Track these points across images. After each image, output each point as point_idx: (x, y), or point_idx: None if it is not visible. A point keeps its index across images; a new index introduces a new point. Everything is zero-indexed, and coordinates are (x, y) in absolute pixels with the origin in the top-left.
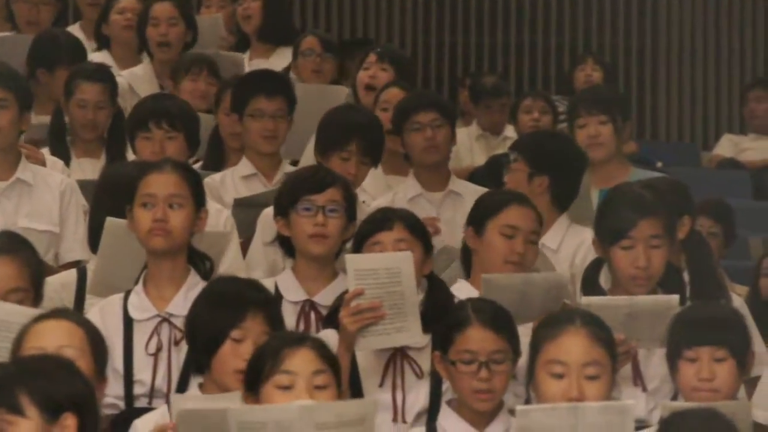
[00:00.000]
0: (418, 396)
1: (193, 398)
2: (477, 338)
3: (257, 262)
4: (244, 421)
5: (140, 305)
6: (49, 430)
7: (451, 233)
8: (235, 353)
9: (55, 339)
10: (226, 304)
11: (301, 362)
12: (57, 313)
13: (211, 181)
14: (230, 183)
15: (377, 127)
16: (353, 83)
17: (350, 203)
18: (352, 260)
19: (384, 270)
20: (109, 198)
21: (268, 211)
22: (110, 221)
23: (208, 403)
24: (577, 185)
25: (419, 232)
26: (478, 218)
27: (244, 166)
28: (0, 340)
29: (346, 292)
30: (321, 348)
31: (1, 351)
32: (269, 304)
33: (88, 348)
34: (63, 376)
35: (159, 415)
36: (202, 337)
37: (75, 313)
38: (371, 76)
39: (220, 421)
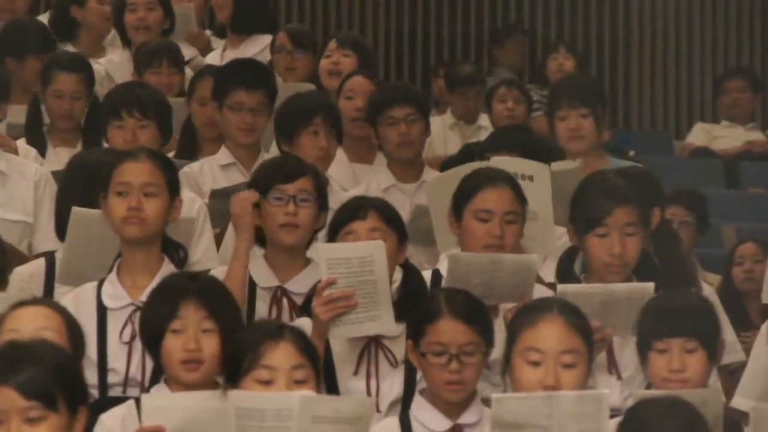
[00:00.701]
0: (392, 385)
1: (159, 394)
2: (448, 330)
3: (211, 256)
4: (243, 408)
5: (114, 294)
6: (70, 424)
7: None
8: (176, 345)
9: (33, 322)
10: (161, 299)
11: (281, 357)
12: (35, 301)
13: (189, 170)
14: (208, 172)
15: (335, 106)
16: None
17: (321, 192)
18: (325, 249)
19: (356, 259)
20: (77, 186)
21: None
22: (76, 211)
23: (173, 401)
24: None
25: (393, 221)
26: (455, 204)
27: (223, 156)
28: None
29: (319, 281)
30: (300, 341)
31: None
32: (204, 290)
33: (65, 334)
34: (79, 371)
35: (125, 409)
36: (148, 335)
37: (53, 302)
38: (334, 63)
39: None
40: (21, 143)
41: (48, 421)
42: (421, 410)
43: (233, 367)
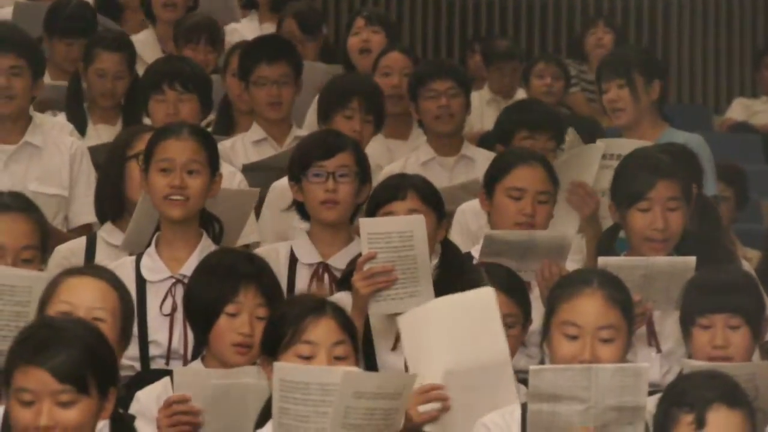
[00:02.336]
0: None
1: (195, 371)
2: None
3: (265, 234)
4: (288, 380)
5: (153, 267)
6: (101, 406)
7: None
8: (230, 327)
9: (89, 298)
10: (219, 279)
11: (322, 333)
12: (90, 271)
13: (222, 147)
14: (241, 148)
15: (377, 89)
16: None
17: (362, 166)
18: (366, 224)
19: (397, 234)
20: (121, 160)
21: (278, 184)
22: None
23: (205, 377)
24: None
25: (432, 200)
26: (487, 182)
27: (255, 132)
28: (3, 304)
29: (359, 256)
30: (342, 317)
31: (3, 315)
32: (262, 275)
33: (119, 312)
34: (111, 352)
35: (161, 386)
36: (198, 311)
37: (108, 272)
38: (364, 40)
39: (217, 395)
40: (60, 118)
41: (79, 404)
42: None
43: (273, 341)
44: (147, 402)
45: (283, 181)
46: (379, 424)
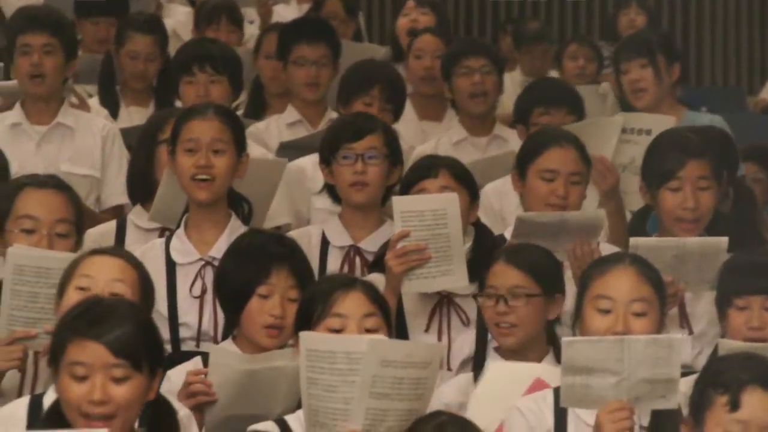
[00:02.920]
0: (463, 344)
1: (224, 352)
2: (498, 273)
3: (281, 212)
4: (314, 350)
5: (183, 249)
6: (148, 385)
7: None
8: (262, 309)
9: (108, 272)
10: (251, 260)
11: (352, 305)
12: (111, 250)
13: (256, 129)
14: (275, 130)
15: (399, 78)
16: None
17: (392, 148)
18: (399, 202)
19: (430, 212)
20: (152, 144)
21: (294, 163)
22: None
23: (236, 360)
24: None
25: (464, 179)
26: (520, 163)
27: (289, 114)
28: (40, 287)
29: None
30: (371, 291)
31: (40, 298)
32: (294, 257)
33: (138, 289)
34: (159, 333)
35: (191, 365)
36: (230, 293)
37: (129, 254)
38: (413, 20)
39: (248, 380)
40: (93, 102)
41: (131, 381)
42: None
43: (305, 317)
44: (178, 381)
45: (301, 161)
46: (409, 394)
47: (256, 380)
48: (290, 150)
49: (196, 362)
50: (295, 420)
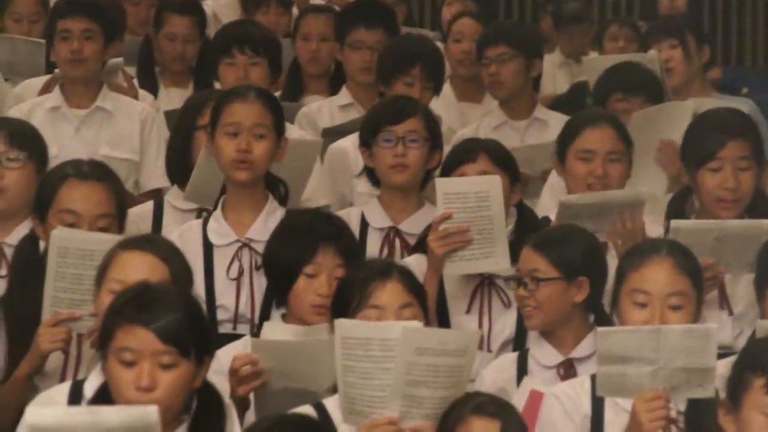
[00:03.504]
0: (504, 325)
1: (280, 328)
2: (523, 257)
3: (320, 194)
4: (350, 337)
5: (220, 231)
6: (195, 372)
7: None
8: (309, 288)
9: (138, 274)
10: (298, 239)
11: (388, 296)
12: (143, 245)
13: (308, 110)
14: (327, 112)
15: (438, 53)
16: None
17: (433, 132)
18: (441, 183)
19: (473, 194)
20: (191, 127)
21: (335, 145)
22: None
23: (284, 334)
24: None
25: (504, 162)
26: (559, 147)
27: (343, 96)
28: (84, 269)
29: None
30: (408, 280)
31: (84, 280)
32: (341, 236)
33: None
34: (207, 321)
35: (241, 345)
36: (277, 271)
37: (161, 246)
38: (455, 10)
39: (294, 352)
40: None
41: (179, 368)
42: (535, 346)
43: (341, 306)
44: (226, 360)
45: (342, 142)
46: (445, 382)
47: (304, 355)
48: (334, 135)
49: (245, 342)
50: (332, 403)
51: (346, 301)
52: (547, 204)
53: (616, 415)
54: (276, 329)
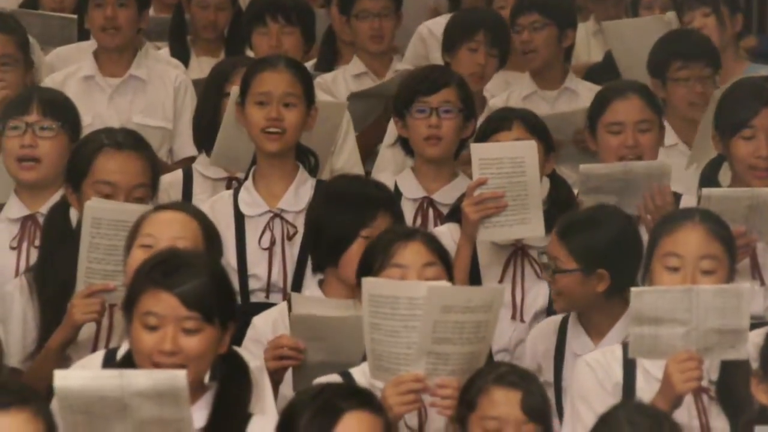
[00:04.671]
0: (537, 296)
1: (309, 300)
2: (550, 242)
3: (386, 164)
4: (377, 295)
5: (251, 201)
6: (219, 338)
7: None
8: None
9: (170, 229)
10: (356, 205)
11: (411, 255)
12: (174, 205)
13: (323, 80)
14: (342, 82)
15: (503, 23)
16: None
17: (467, 102)
18: (477, 149)
19: (508, 159)
20: (218, 94)
21: None
22: (236, 89)
23: (321, 308)
24: None
25: (539, 131)
26: (590, 122)
27: (355, 65)
28: (118, 240)
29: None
30: (431, 241)
31: (118, 251)
32: (394, 202)
33: (201, 242)
34: (232, 286)
35: (277, 312)
36: (330, 236)
37: (191, 206)
38: None
39: (333, 327)
40: (164, 53)
41: (202, 333)
42: (572, 334)
43: (366, 269)
44: (263, 328)
45: None
46: (470, 338)
47: (343, 328)
48: (360, 100)
49: (281, 309)
50: (359, 372)
51: (370, 265)
52: None
53: (647, 382)
54: (304, 301)
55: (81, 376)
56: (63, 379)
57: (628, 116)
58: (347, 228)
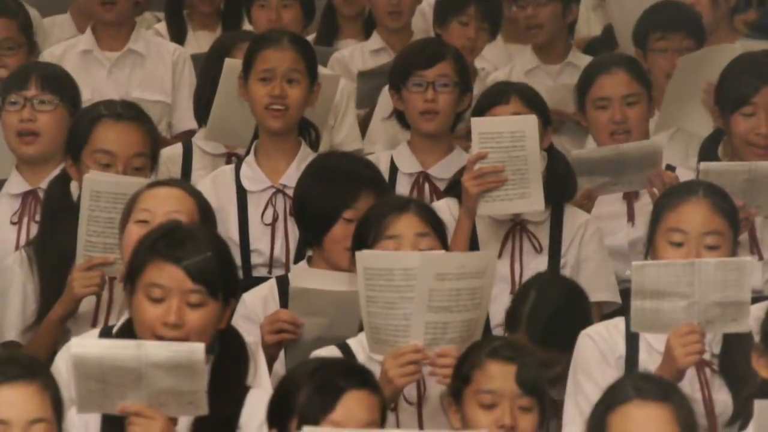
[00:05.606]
0: (536, 270)
1: (307, 273)
2: None
3: (377, 137)
4: (371, 267)
5: (253, 177)
6: (221, 313)
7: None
8: (346, 233)
9: (165, 204)
10: (339, 183)
11: (404, 226)
12: (169, 181)
13: (340, 55)
14: (359, 57)
15: None
16: None
17: (463, 75)
18: (477, 123)
19: (508, 133)
20: (218, 69)
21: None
22: (229, 62)
23: (321, 281)
24: None
25: (536, 105)
26: (579, 98)
27: (374, 41)
28: (117, 213)
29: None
30: (425, 212)
31: (117, 223)
32: (380, 181)
33: (197, 218)
34: (235, 263)
35: (267, 288)
36: (313, 214)
37: (186, 183)
38: None
39: (333, 301)
40: (161, 26)
41: (206, 307)
42: None
43: (359, 242)
44: (253, 304)
45: None
46: (467, 305)
47: (341, 303)
48: (369, 78)
49: (270, 286)
50: (356, 343)
51: (364, 238)
52: None
53: (650, 356)
54: (304, 274)
55: (98, 345)
56: (81, 347)
57: (614, 91)
58: (329, 207)
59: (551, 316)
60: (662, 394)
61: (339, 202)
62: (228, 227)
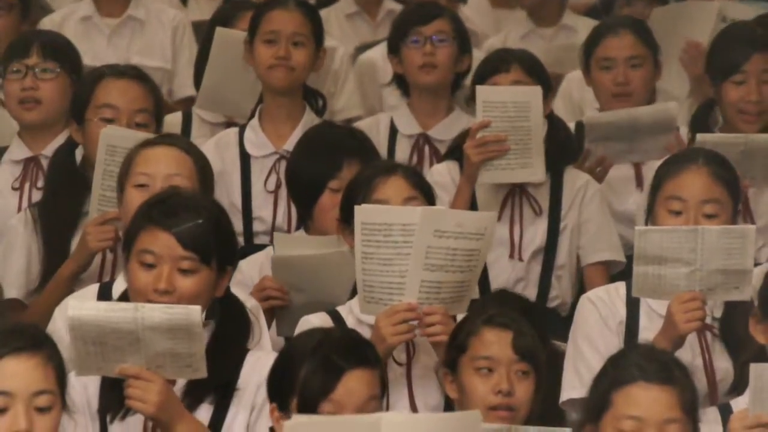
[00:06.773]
0: (535, 234)
1: (291, 239)
2: None
3: (352, 105)
4: (370, 223)
5: (257, 142)
6: (215, 280)
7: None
8: (333, 203)
9: (165, 167)
10: (323, 154)
11: (392, 190)
12: (166, 139)
13: None
14: (334, 21)
15: None
16: None
17: (461, 34)
18: (482, 91)
19: (512, 103)
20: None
21: (365, 56)
22: (220, 30)
23: (306, 246)
24: None
25: (537, 72)
26: (585, 59)
27: (347, 4)
28: (116, 166)
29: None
30: (413, 175)
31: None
32: (365, 150)
33: (196, 177)
34: (233, 231)
35: (264, 255)
36: (301, 185)
37: (184, 140)
38: None
39: (315, 265)
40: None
41: (198, 274)
42: None
43: (348, 208)
44: (249, 271)
45: (370, 53)
46: (462, 266)
47: (325, 266)
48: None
49: (267, 253)
50: (346, 310)
51: (352, 202)
52: (558, 105)
53: (650, 320)
54: (288, 241)
55: (96, 307)
56: (77, 309)
57: (620, 52)
58: (314, 178)
59: None
60: (667, 376)
61: (324, 172)
62: (231, 192)
